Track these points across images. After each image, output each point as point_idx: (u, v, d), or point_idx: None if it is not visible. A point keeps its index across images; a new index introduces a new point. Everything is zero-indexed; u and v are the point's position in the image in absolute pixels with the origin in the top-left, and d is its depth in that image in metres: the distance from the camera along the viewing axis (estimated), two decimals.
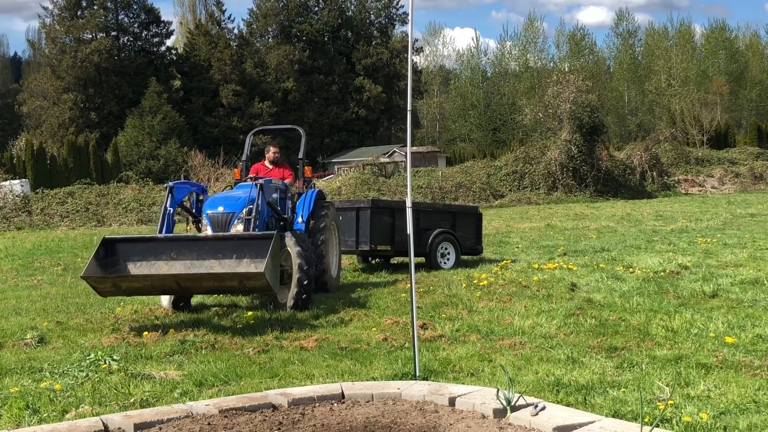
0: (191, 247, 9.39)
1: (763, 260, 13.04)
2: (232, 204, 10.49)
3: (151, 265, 9.18)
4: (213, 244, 9.46)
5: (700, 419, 5.29)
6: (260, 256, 9.16)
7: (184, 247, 9.38)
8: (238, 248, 9.38)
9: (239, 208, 10.40)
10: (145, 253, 9.32)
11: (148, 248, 9.41)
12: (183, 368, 7.40)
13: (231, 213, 10.38)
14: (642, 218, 25.29)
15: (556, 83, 45.70)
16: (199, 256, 9.31)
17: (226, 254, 9.32)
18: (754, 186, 45.61)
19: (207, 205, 10.61)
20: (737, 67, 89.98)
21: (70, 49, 68.90)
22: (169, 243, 9.44)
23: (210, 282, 9.16)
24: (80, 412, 6.03)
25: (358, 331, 8.91)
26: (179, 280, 8.97)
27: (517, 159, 42.72)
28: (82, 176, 42.53)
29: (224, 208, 10.41)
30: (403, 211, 13.86)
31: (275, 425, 5.47)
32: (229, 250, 9.36)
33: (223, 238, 9.60)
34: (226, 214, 10.36)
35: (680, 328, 8.29)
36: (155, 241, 9.53)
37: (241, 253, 9.33)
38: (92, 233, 28.04)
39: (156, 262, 9.24)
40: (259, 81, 72.94)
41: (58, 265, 16.87)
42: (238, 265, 9.23)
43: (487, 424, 5.38)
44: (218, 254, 9.32)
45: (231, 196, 10.86)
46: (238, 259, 9.29)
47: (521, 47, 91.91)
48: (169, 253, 9.30)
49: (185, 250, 9.34)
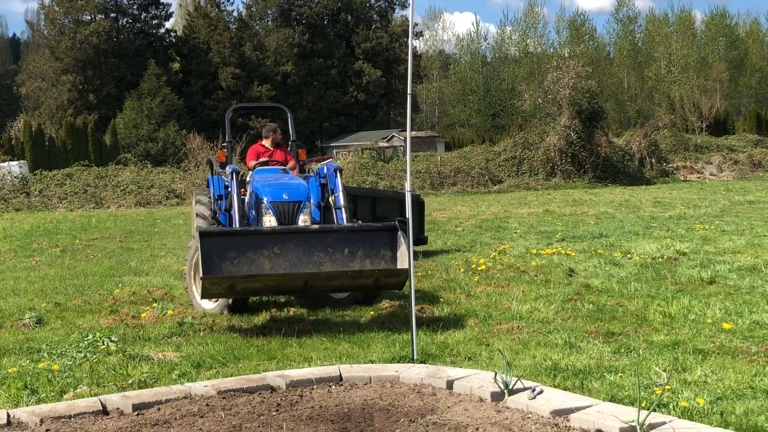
0: (296, 241, 8.33)
1: (760, 247, 13.05)
2: (294, 191, 9.34)
3: (252, 263, 8.09)
4: (321, 238, 8.43)
5: (697, 404, 5.31)
6: (376, 249, 8.44)
7: (289, 241, 8.31)
8: (350, 241, 8.45)
9: (304, 196, 9.34)
10: (243, 248, 8.15)
11: (248, 243, 8.24)
12: (181, 350, 7.42)
13: (298, 202, 9.25)
14: (640, 204, 25.30)
15: (555, 69, 45.57)
16: (306, 251, 8.30)
17: (337, 248, 8.36)
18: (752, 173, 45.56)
19: (265, 192, 9.31)
20: (737, 54, 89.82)
21: (69, 30, 68.59)
22: (272, 237, 8.35)
23: (342, 280, 8.30)
24: (78, 393, 6.05)
25: (356, 314, 8.93)
26: (310, 279, 8.08)
27: (516, 144, 42.62)
28: (81, 158, 42.44)
29: (289, 196, 9.25)
30: (365, 199, 13.65)
31: (273, 407, 5.49)
32: (340, 244, 8.38)
33: (332, 231, 8.58)
34: (292, 203, 9.22)
35: (678, 314, 8.31)
36: (258, 234, 8.41)
37: (354, 247, 8.41)
38: (90, 215, 28.05)
39: (257, 258, 8.12)
40: (259, 64, 72.72)
41: (56, 247, 16.87)
42: (364, 261, 8.37)
43: (485, 407, 5.40)
44: (328, 248, 8.34)
45: (288, 182, 9.63)
46: (350, 253, 8.39)
47: (521, 32, 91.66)
48: (272, 248, 8.20)
49: (290, 245, 8.28)
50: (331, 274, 8.18)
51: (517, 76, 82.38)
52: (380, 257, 8.44)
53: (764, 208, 22.01)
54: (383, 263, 8.40)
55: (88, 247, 16.87)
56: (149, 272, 12.75)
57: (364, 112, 77.78)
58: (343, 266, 8.26)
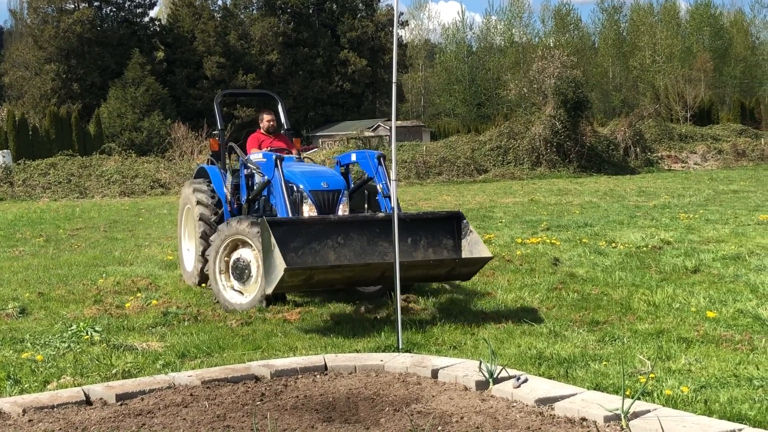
0: (361, 230, 8.02)
1: (744, 236, 13.11)
2: (332, 180, 9.02)
3: (316, 253, 7.77)
4: (385, 227, 8.00)
5: (681, 392, 5.33)
6: (438, 238, 8.22)
7: (353, 230, 8.00)
8: (413, 230, 8.18)
9: (342, 185, 9.01)
10: (308, 238, 7.76)
11: (314, 232, 7.87)
12: (165, 340, 7.39)
13: (337, 190, 8.91)
14: (625, 194, 25.37)
15: (541, 58, 45.62)
16: (370, 240, 7.99)
17: (401, 237, 7.74)
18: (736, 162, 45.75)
19: (301, 180, 8.90)
20: (721, 43, 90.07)
21: (53, 19, 68.17)
22: (337, 226, 8.01)
23: (419, 270, 8.02)
24: (62, 383, 6.01)
25: (342, 303, 8.91)
26: (388, 270, 7.53)
27: (502, 134, 42.65)
28: (65, 147, 42.24)
29: (328, 185, 8.88)
30: None
31: (258, 396, 5.47)
32: (404, 233, 7.90)
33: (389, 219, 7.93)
34: (331, 192, 8.87)
35: (662, 302, 8.34)
36: (324, 224, 8.01)
37: (417, 236, 8.17)
38: (74, 205, 27.93)
39: (321, 249, 7.79)
40: (243, 53, 72.48)
41: (39, 237, 16.79)
42: (427, 251, 8.13)
43: (470, 396, 5.40)
44: (391, 238, 7.69)
45: (322, 171, 9.37)
46: (414, 243, 8.14)
47: (507, 22, 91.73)
48: (336, 238, 7.89)
49: (354, 234, 7.98)
50: (413, 264, 7.89)
51: (502, 65, 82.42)
52: (442, 246, 8.22)
53: (748, 197, 22.11)
54: (446, 252, 8.18)
55: (72, 237, 16.79)
56: (133, 262, 12.70)
57: (349, 101, 77.70)
58: (408, 257, 7.97)
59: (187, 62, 71.28)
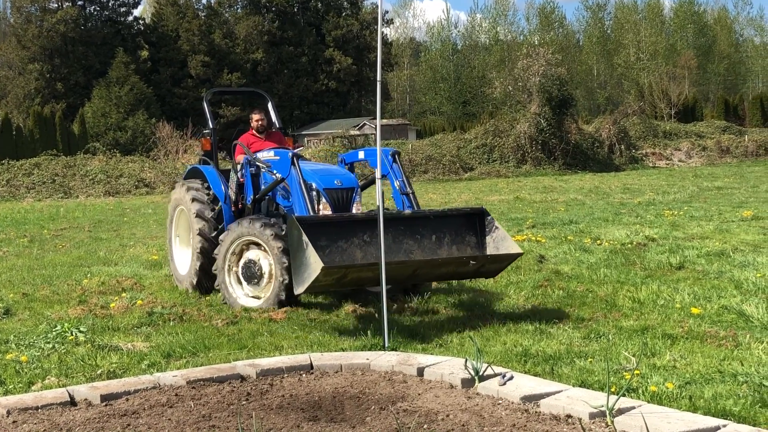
0: (385, 228, 7.56)
1: (728, 232, 13.16)
2: (345, 178, 8.89)
3: (343, 252, 7.66)
4: (410, 224, 8.02)
5: (666, 389, 5.35)
6: (461, 235, 8.10)
7: (376, 228, 7.59)
8: (437, 227, 8.09)
9: (355, 183, 8.90)
10: (335, 236, 7.62)
11: (341, 231, 7.75)
12: (151, 340, 7.36)
13: (350, 188, 8.78)
14: (610, 191, 25.45)
15: (525, 56, 45.69)
16: (395, 238, 7.86)
17: (425, 235, 8.00)
18: (720, 159, 45.98)
19: (313, 178, 8.70)
20: (705, 41, 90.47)
21: (36, 18, 67.76)
22: (362, 224, 7.87)
23: (450, 267, 7.87)
24: (46, 384, 5.99)
25: (328, 302, 8.91)
26: (420, 267, 7.58)
27: (487, 132, 42.74)
28: (49, 147, 42.06)
29: (342, 183, 8.75)
30: None
31: (243, 396, 5.46)
32: (427, 230, 8.00)
33: (418, 217, 8.16)
34: (345, 190, 8.73)
35: (647, 299, 8.37)
36: (352, 222, 7.90)
37: (441, 233, 8.07)
38: (58, 205, 27.81)
39: (348, 247, 7.66)
40: (228, 52, 72.25)
41: (24, 237, 16.71)
42: (451, 248, 8.02)
43: (455, 393, 5.41)
44: (416, 235, 7.98)
45: (333, 169, 9.25)
46: (438, 240, 8.04)
47: (492, 20, 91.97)
48: (362, 236, 7.76)
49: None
50: (445, 261, 7.78)
51: (487, 63, 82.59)
52: (465, 243, 8.12)
53: (732, 193, 22.21)
54: (469, 249, 8.08)
55: (56, 237, 16.72)
56: (118, 262, 12.65)
57: (335, 100, 77.55)
58: (432, 254, 7.92)
59: (171, 61, 71.00)
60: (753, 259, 10.27)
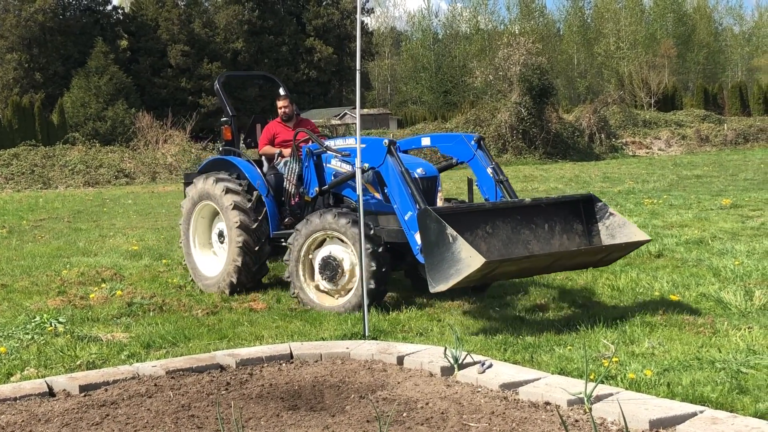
0: (506, 218, 7.49)
1: (707, 221, 13.24)
2: (427, 166, 8.49)
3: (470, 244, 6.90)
4: (526, 213, 7.64)
5: (645, 376, 5.38)
6: (570, 223, 7.80)
7: (499, 218, 7.46)
8: (548, 216, 7.75)
9: (436, 171, 8.53)
10: (461, 228, 6.91)
11: (467, 222, 7.27)
12: (130, 330, 7.35)
13: (433, 177, 8.42)
14: (590, 180, 25.52)
15: (506, 46, 45.67)
16: (513, 228, 7.50)
17: (539, 224, 7.65)
18: (699, 148, 46.16)
19: None
20: (685, 30, 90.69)
21: (14, 8, 67.16)
22: (486, 214, 7.46)
23: (582, 258, 7.57)
24: (25, 375, 5.97)
25: None
26: (559, 259, 7.30)
27: (468, 121, 42.72)
28: (27, 138, 41.69)
29: (425, 172, 8.33)
30: None
31: (223, 385, 5.46)
32: (540, 219, 7.67)
33: (535, 205, 7.77)
34: (428, 179, 8.32)
35: (626, 287, 8.42)
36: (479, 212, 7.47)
37: (552, 222, 7.73)
38: (38, 195, 27.64)
39: (473, 240, 7.10)
40: (208, 41, 71.92)
41: (2, 228, 16.60)
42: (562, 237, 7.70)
43: (435, 381, 5.42)
44: (531, 225, 7.61)
45: (409, 157, 8.83)
46: (550, 229, 7.70)
47: (472, 9, 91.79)
48: (485, 228, 7.33)
49: (498, 222, 7.43)
50: (580, 252, 7.46)
51: (468, 53, 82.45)
52: (573, 231, 7.84)
53: (711, 182, 22.32)
54: (576, 238, 7.79)
55: (35, 228, 16.63)
56: (98, 253, 12.59)
57: (316, 89, 77.38)
58: (546, 244, 7.56)
59: (151, 51, 70.60)
60: (731, 246, 10.34)
